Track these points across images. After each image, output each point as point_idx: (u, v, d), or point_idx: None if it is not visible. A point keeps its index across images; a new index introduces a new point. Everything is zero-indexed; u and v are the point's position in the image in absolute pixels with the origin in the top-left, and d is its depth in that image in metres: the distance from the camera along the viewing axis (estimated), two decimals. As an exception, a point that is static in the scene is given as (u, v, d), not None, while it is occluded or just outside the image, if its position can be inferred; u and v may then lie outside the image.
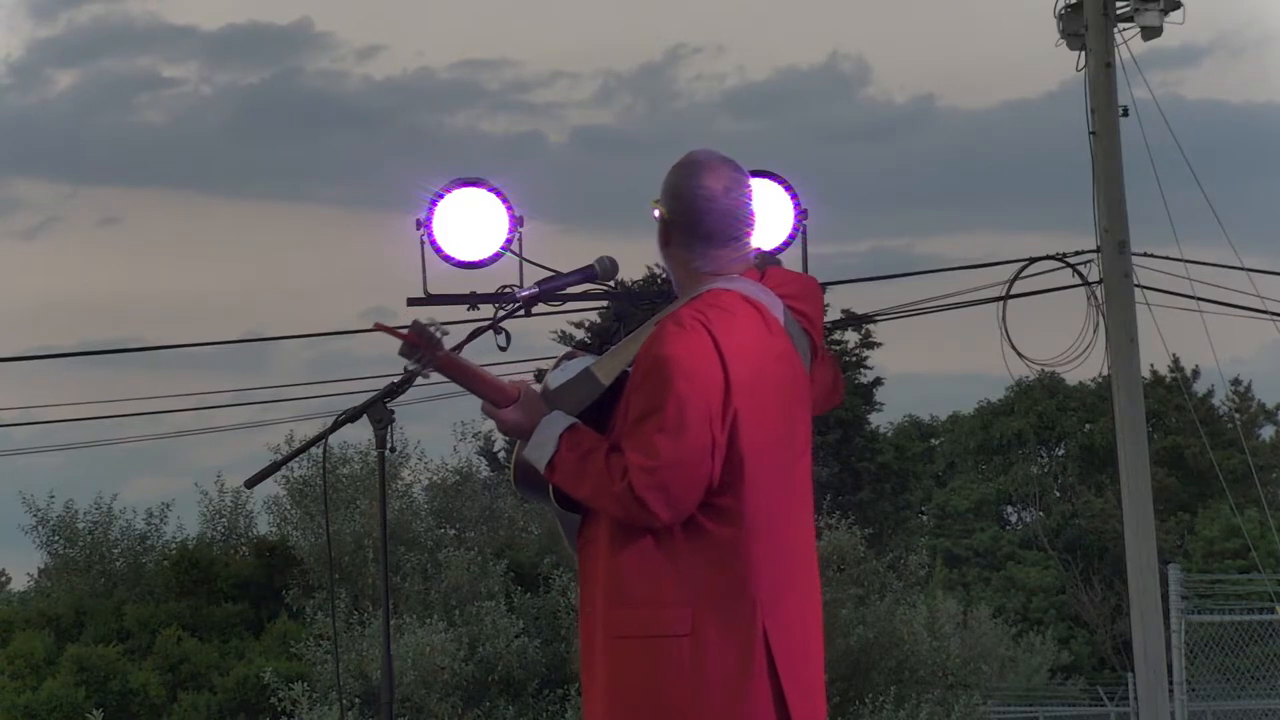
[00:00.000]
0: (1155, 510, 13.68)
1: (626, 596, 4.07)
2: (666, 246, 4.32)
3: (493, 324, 4.61)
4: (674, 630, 4.04)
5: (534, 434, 4.13)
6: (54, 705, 20.25)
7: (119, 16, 59.61)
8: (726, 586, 4.06)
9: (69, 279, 55.36)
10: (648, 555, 4.07)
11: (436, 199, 8.73)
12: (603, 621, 4.10)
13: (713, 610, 4.05)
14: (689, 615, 4.04)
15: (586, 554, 4.19)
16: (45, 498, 23.61)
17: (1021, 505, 40.71)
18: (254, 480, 4.73)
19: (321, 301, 52.72)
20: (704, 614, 4.04)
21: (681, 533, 4.06)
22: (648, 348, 4.09)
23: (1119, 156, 13.44)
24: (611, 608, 4.09)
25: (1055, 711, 25.94)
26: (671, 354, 4.04)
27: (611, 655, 4.09)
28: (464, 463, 23.06)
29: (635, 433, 4.04)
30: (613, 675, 4.09)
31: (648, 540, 4.07)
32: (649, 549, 4.07)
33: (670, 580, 4.06)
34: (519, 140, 55.14)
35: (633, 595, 4.07)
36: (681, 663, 4.03)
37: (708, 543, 4.07)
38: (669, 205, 4.29)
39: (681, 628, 4.03)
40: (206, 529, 24.11)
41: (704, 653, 4.03)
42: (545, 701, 17.38)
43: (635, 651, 4.06)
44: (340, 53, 60.23)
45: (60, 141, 55.29)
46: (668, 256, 4.32)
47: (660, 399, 4.02)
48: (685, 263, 4.30)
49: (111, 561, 23.91)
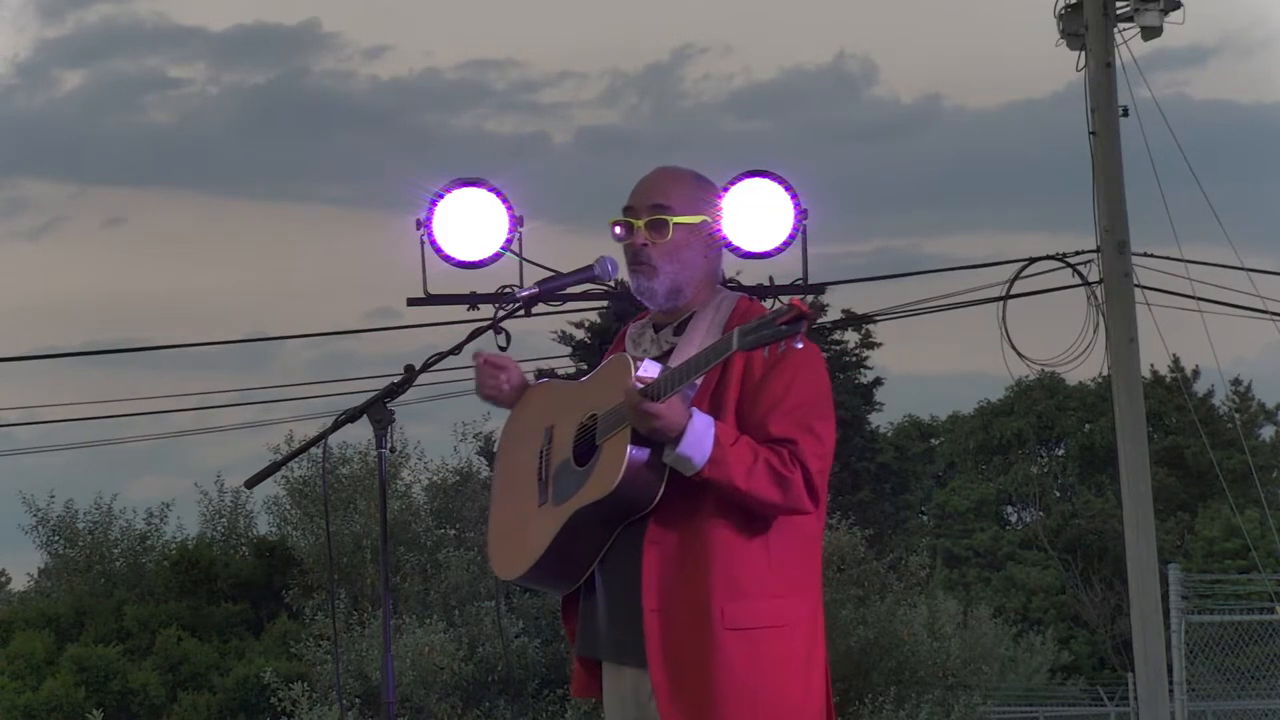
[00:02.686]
0: (1155, 510, 13.68)
1: (740, 589, 4.15)
2: (708, 255, 4.37)
3: (493, 324, 4.61)
4: (787, 620, 4.20)
5: (687, 431, 4.09)
6: (54, 705, 20.26)
7: (127, 17, 59.62)
8: (810, 577, 4.27)
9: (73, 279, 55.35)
10: (756, 548, 4.18)
11: (436, 199, 8.73)
12: (717, 615, 4.13)
13: (805, 600, 4.25)
14: (792, 605, 4.22)
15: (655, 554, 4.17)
16: (45, 498, 23.64)
17: (1021, 505, 40.69)
18: (254, 480, 4.74)
19: (326, 301, 52.74)
20: (801, 604, 4.24)
21: (779, 525, 4.20)
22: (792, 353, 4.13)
23: (1119, 156, 13.43)
24: (727, 601, 4.14)
25: (1055, 711, 25.92)
26: (814, 349, 4.25)
27: (725, 647, 4.13)
28: (464, 463, 23.09)
29: (799, 422, 4.16)
30: (729, 667, 4.13)
31: (755, 533, 4.18)
32: (757, 542, 4.18)
33: (775, 572, 4.19)
34: (525, 140, 55.14)
35: (746, 588, 4.15)
36: (797, 651, 4.20)
37: (797, 535, 4.24)
38: (709, 213, 4.37)
39: (791, 617, 4.20)
40: (206, 529, 24.13)
41: (814, 641, 4.25)
42: (545, 701, 17.37)
43: (757, 641, 4.16)
44: (347, 53, 60.18)
45: (67, 141, 55.27)
46: (705, 265, 4.37)
47: (819, 389, 4.22)
48: (712, 272, 4.41)
49: (111, 561, 23.94)
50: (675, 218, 4.31)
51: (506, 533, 4.53)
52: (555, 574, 4.37)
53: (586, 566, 4.30)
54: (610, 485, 4.14)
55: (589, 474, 4.25)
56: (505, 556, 4.50)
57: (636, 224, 4.33)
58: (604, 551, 4.26)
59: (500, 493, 4.62)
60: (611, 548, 4.25)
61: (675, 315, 4.38)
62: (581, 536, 4.25)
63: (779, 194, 8.25)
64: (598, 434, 4.27)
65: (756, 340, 3.95)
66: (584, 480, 4.25)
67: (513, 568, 4.44)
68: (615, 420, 4.20)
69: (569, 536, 4.26)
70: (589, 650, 4.41)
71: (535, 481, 4.44)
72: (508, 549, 4.50)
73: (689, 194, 4.35)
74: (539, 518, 4.37)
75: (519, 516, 4.47)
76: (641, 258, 4.33)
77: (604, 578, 4.30)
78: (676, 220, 4.31)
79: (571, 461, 4.33)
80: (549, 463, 4.42)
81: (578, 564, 4.31)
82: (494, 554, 4.56)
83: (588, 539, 4.25)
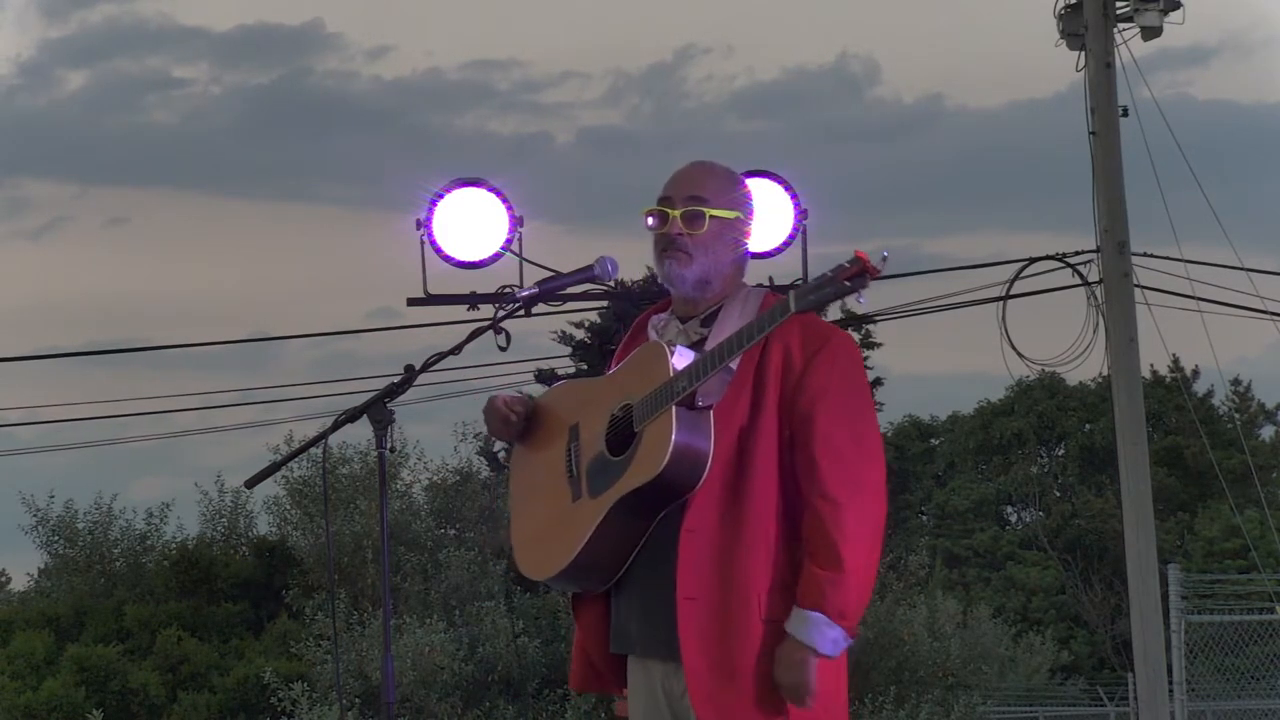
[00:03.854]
0: (1155, 510, 13.68)
1: (778, 580, 4.18)
2: (739, 248, 4.40)
3: (493, 324, 4.61)
4: None
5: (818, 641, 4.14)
6: (54, 705, 20.26)
7: (130, 17, 59.61)
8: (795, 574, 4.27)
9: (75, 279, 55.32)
10: (793, 540, 4.20)
11: (436, 199, 8.74)
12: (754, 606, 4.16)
13: None
14: None
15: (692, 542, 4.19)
16: (45, 498, 23.64)
17: (1021, 505, 40.68)
18: (254, 480, 4.75)
19: (328, 302, 52.74)
20: None
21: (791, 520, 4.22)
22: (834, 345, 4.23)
23: (1119, 156, 13.44)
24: (764, 592, 4.17)
25: (1055, 711, 25.92)
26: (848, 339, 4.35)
27: (761, 638, 4.16)
28: (464, 463, 23.12)
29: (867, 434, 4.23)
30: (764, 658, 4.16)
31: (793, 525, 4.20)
32: (786, 535, 4.21)
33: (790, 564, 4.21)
34: (527, 140, 55.15)
35: (783, 579, 4.18)
36: None
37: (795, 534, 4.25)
38: (743, 210, 4.41)
39: None
40: (206, 529, 24.13)
41: None
42: (545, 701, 17.37)
43: None
44: (350, 53, 60.17)
45: (69, 141, 55.25)
46: (736, 259, 4.40)
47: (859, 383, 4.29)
48: (739, 268, 4.44)
49: (111, 561, 23.93)
50: (711, 210, 4.35)
51: (537, 534, 4.51)
52: (591, 568, 4.34)
53: (623, 560, 4.30)
54: (657, 467, 4.15)
55: (629, 461, 4.24)
56: (537, 557, 4.48)
57: (672, 213, 4.36)
58: (642, 543, 4.26)
59: (523, 498, 4.60)
60: (650, 537, 4.25)
61: (700, 307, 4.39)
62: (621, 527, 4.25)
63: (779, 194, 8.26)
64: (635, 420, 4.26)
65: (818, 299, 3.96)
66: (624, 468, 4.24)
67: (547, 567, 4.42)
68: (654, 404, 4.20)
69: (609, 527, 4.25)
70: (621, 646, 4.40)
71: (565, 480, 4.43)
72: (540, 550, 4.48)
73: (725, 189, 4.39)
74: (575, 513, 4.35)
75: (550, 516, 4.45)
76: (677, 245, 4.35)
77: (637, 570, 4.29)
78: (712, 213, 4.35)
79: (606, 453, 4.32)
80: (579, 459, 4.41)
81: (615, 557, 4.30)
82: (523, 558, 4.54)
83: (627, 529, 4.25)
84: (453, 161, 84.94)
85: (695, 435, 4.15)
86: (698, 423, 4.16)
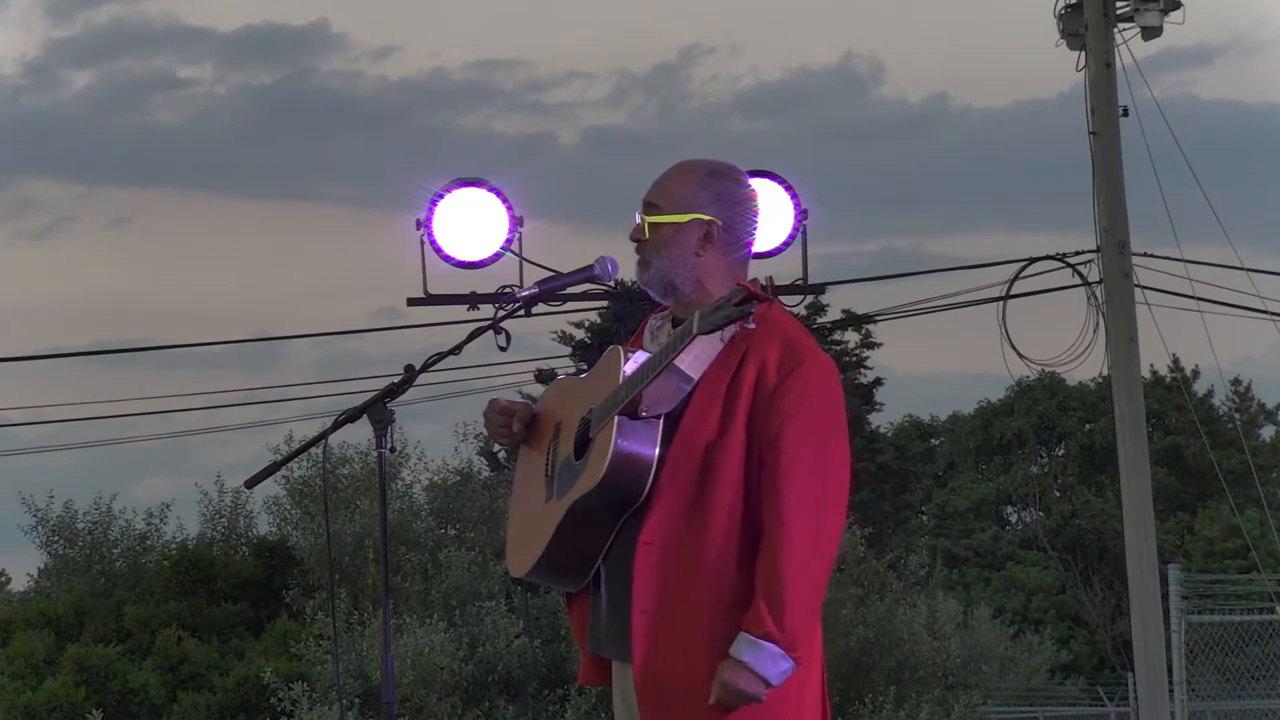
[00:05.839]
0: (1155, 510, 13.69)
1: (733, 601, 4.10)
2: (702, 253, 4.32)
3: (493, 324, 4.61)
4: None
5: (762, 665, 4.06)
6: (54, 705, 20.24)
7: (135, 17, 59.69)
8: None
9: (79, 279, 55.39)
10: (744, 560, 4.12)
11: (436, 199, 8.74)
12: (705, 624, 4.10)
13: None
14: None
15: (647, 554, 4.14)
16: (45, 497, 23.62)
17: (1021, 505, 40.69)
18: (254, 480, 4.75)
19: (331, 301, 52.78)
20: None
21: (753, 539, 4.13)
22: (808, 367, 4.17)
23: (1119, 157, 13.44)
24: (716, 610, 4.10)
25: (1055, 711, 25.94)
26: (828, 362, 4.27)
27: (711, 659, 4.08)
28: (464, 463, 23.09)
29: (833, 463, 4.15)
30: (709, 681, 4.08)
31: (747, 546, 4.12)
32: (746, 554, 4.12)
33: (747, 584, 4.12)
34: (531, 140, 55.17)
35: (738, 600, 4.09)
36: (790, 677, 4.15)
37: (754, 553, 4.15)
38: (721, 212, 4.32)
39: None
40: (206, 529, 24.11)
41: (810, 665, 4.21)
42: (545, 701, 17.36)
43: None
44: (354, 53, 60.23)
45: (74, 142, 55.34)
46: (699, 264, 4.32)
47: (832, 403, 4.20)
48: (723, 270, 4.33)
49: (111, 562, 23.90)
50: (657, 217, 4.33)
51: (519, 531, 4.56)
52: (560, 569, 4.37)
53: (591, 562, 4.30)
54: (597, 477, 4.15)
55: (583, 467, 4.26)
56: (516, 553, 4.53)
57: (641, 218, 4.37)
58: (607, 547, 4.25)
59: (516, 494, 4.66)
60: (613, 544, 4.25)
61: (688, 310, 4.37)
62: (582, 530, 4.25)
63: (779, 194, 8.26)
64: (591, 426, 4.28)
65: (715, 322, 3.97)
66: (579, 473, 4.26)
67: (522, 564, 4.46)
68: (604, 411, 4.21)
69: (569, 530, 4.26)
70: (595, 646, 4.41)
71: (544, 478, 4.47)
72: (516, 547, 4.54)
73: (689, 191, 4.33)
74: (546, 513, 4.38)
75: (529, 514, 4.50)
76: (638, 250, 4.37)
77: (606, 574, 4.30)
78: (658, 219, 4.32)
79: (572, 456, 4.34)
80: (555, 458, 4.44)
81: (581, 559, 4.30)
82: (508, 553, 4.59)
83: (588, 533, 4.25)
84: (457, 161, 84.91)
85: (637, 443, 4.14)
86: (640, 431, 4.14)
